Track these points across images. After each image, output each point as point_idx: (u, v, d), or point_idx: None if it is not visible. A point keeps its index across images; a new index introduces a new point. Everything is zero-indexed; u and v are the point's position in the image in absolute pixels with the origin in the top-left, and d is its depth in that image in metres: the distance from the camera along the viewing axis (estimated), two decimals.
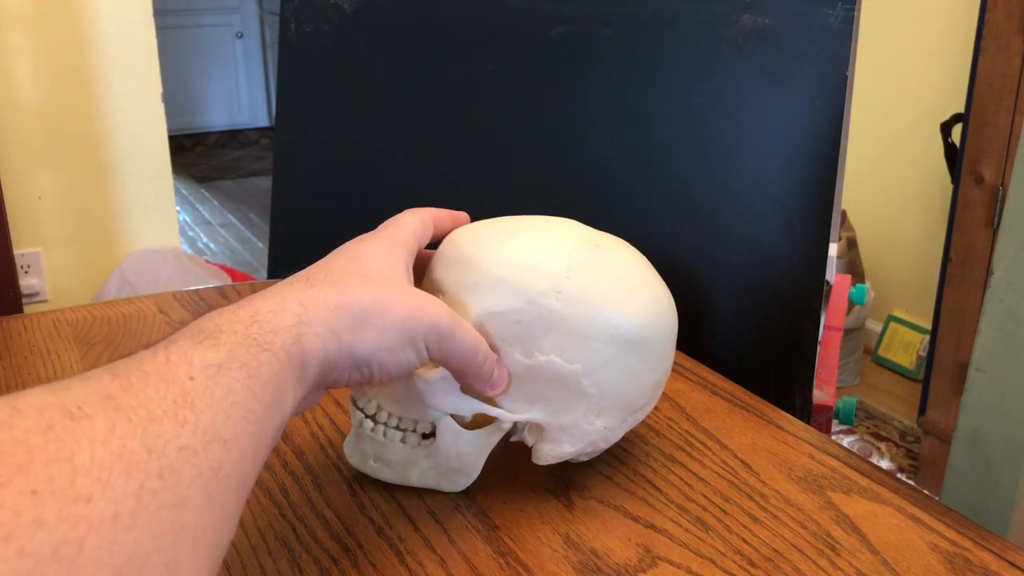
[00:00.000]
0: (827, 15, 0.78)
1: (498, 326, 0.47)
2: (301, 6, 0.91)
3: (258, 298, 0.40)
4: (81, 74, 2.11)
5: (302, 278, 0.42)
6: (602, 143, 0.86)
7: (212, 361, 0.35)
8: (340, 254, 0.45)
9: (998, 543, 0.48)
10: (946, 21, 2.28)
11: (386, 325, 0.42)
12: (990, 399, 0.65)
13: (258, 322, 0.38)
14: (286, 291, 0.41)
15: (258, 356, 0.36)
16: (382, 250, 0.46)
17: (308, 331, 0.39)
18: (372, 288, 0.42)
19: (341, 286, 0.42)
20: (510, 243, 0.49)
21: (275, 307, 0.39)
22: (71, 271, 2.20)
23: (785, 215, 0.81)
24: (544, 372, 0.48)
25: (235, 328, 0.37)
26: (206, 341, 0.36)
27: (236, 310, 0.39)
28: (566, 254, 0.48)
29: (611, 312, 0.48)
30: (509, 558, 0.47)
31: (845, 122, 0.83)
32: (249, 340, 0.37)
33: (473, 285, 0.47)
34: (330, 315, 0.40)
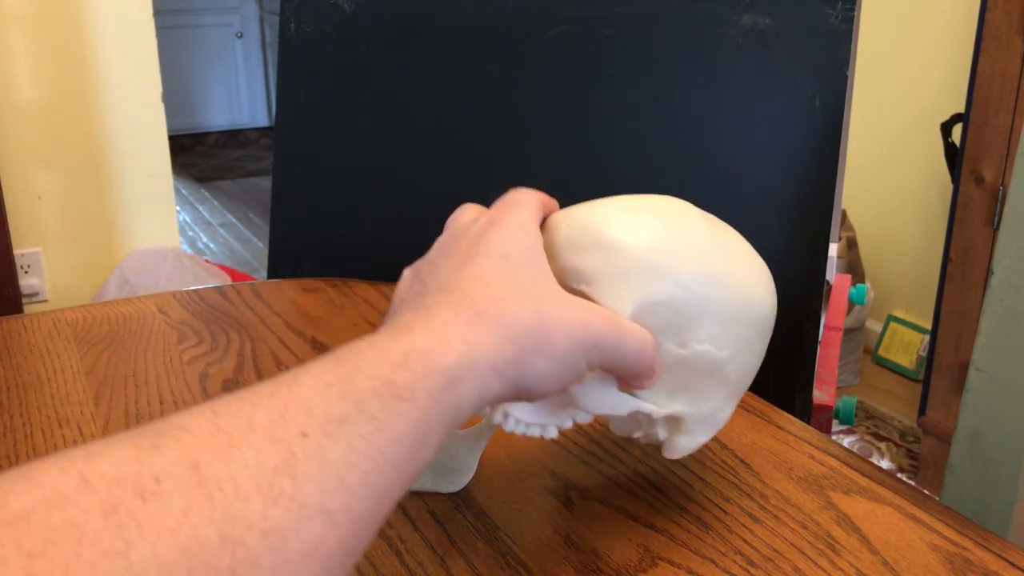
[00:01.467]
0: (827, 15, 0.78)
1: (657, 316, 0.43)
2: (301, 6, 0.91)
3: (419, 326, 0.35)
4: (81, 74, 2.11)
5: (464, 300, 0.37)
6: (602, 143, 0.86)
7: (335, 414, 0.30)
8: (485, 252, 0.40)
9: (998, 543, 0.48)
10: (946, 21, 2.28)
11: (553, 354, 0.38)
12: (990, 399, 0.65)
13: (407, 364, 0.33)
14: (449, 323, 0.36)
15: (394, 407, 0.32)
16: (527, 244, 0.41)
17: (468, 375, 0.35)
18: (535, 307, 0.38)
19: (507, 313, 0.37)
20: (652, 225, 0.44)
21: (434, 345, 0.35)
22: (71, 271, 2.20)
23: (785, 215, 0.81)
24: (696, 362, 0.45)
25: (376, 370, 0.33)
26: (336, 385, 0.31)
27: (388, 343, 0.34)
28: (704, 235, 0.45)
29: (752, 294, 0.46)
30: (509, 558, 0.47)
31: (845, 122, 0.83)
32: (388, 388, 0.32)
33: (627, 272, 0.43)
34: (496, 352, 0.36)
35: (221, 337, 0.74)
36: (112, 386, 0.65)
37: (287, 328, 0.76)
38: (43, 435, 0.59)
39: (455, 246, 0.41)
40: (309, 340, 0.74)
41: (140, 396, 0.64)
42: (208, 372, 0.68)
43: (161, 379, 0.66)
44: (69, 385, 0.65)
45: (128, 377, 0.67)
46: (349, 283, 0.86)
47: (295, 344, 0.73)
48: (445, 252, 0.41)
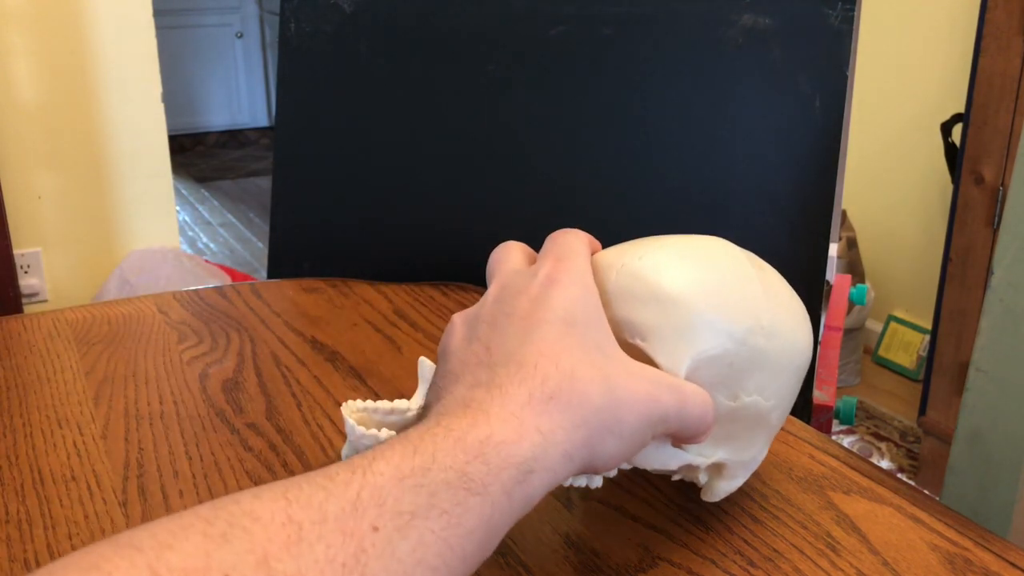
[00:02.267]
0: (827, 15, 0.78)
1: (711, 370, 0.43)
2: (301, 6, 0.91)
3: (495, 410, 0.35)
4: (81, 74, 2.11)
5: (536, 378, 0.36)
6: (602, 143, 0.86)
7: (407, 508, 0.30)
8: (550, 318, 0.39)
9: (998, 543, 0.48)
10: (946, 21, 2.28)
11: (623, 433, 0.37)
12: (990, 399, 0.65)
13: (484, 455, 0.33)
14: (524, 407, 0.35)
15: (466, 501, 0.32)
16: (590, 307, 0.40)
17: (541, 466, 0.34)
18: (605, 383, 0.37)
19: (579, 391, 0.36)
20: (705, 275, 0.44)
21: (511, 436, 0.34)
22: (71, 271, 2.20)
23: (785, 215, 0.81)
24: (744, 412, 0.45)
25: (451, 461, 0.32)
26: (411, 477, 0.31)
27: (466, 432, 0.34)
28: (753, 283, 0.45)
29: (798, 340, 0.46)
30: (509, 558, 0.47)
31: (845, 122, 0.83)
32: (461, 480, 0.32)
33: (682, 328, 0.42)
34: (567, 437, 0.36)
35: (221, 337, 0.74)
36: (112, 386, 0.65)
37: (287, 328, 0.76)
38: (43, 435, 0.59)
39: (515, 305, 0.40)
40: (309, 340, 0.74)
41: (140, 396, 0.64)
42: (208, 372, 0.68)
43: (161, 379, 0.66)
44: (69, 385, 0.65)
45: (128, 377, 0.67)
46: (349, 283, 0.86)
47: (295, 344, 0.73)
48: (505, 312, 0.40)
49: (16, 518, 0.50)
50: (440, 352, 0.42)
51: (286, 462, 0.56)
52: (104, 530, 0.49)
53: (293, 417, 0.61)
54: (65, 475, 0.54)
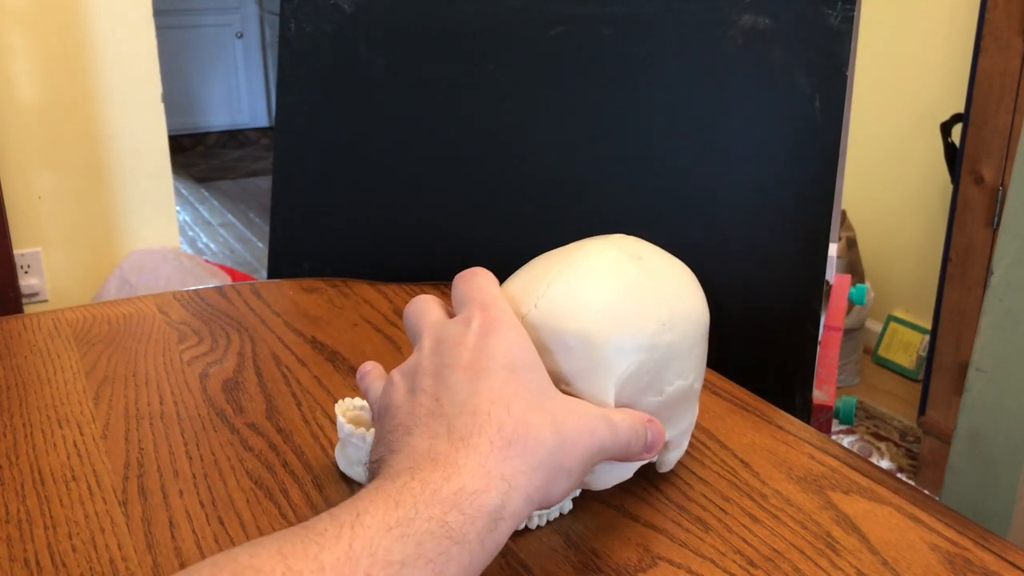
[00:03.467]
0: (827, 15, 0.78)
1: (634, 384, 0.47)
2: (301, 6, 0.91)
3: (463, 461, 0.37)
4: (81, 74, 2.11)
5: (493, 426, 0.39)
6: (602, 143, 0.86)
7: (397, 557, 0.32)
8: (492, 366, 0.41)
9: (998, 543, 0.48)
10: (946, 21, 2.28)
11: (572, 470, 0.40)
12: (990, 399, 0.65)
13: (459, 506, 0.36)
14: (487, 456, 0.38)
15: (448, 550, 0.34)
16: (526, 350, 0.43)
17: (508, 513, 0.37)
18: (552, 424, 0.40)
19: (533, 436, 0.39)
20: (599, 300, 0.46)
21: (480, 486, 0.37)
22: (71, 271, 2.20)
23: (785, 215, 0.81)
24: (672, 399, 0.49)
25: (432, 512, 0.35)
26: (397, 528, 0.33)
27: (440, 485, 0.36)
28: (642, 283, 0.48)
29: (694, 311, 0.49)
30: (509, 558, 0.47)
31: (845, 122, 0.83)
32: (443, 530, 0.34)
33: (597, 362, 0.45)
34: (528, 482, 0.38)
35: (221, 337, 0.74)
36: (112, 386, 0.65)
37: (287, 328, 0.76)
38: (43, 435, 0.59)
39: (456, 356, 0.42)
40: (309, 340, 0.74)
41: (140, 396, 0.64)
42: (208, 372, 0.68)
43: (161, 379, 0.67)
44: (69, 385, 0.65)
45: (128, 377, 0.67)
46: (349, 283, 0.86)
47: (295, 344, 0.73)
48: (447, 364, 0.42)
49: (16, 518, 0.50)
50: (383, 407, 0.43)
51: (286, 462, 0.56)
52: (104, 529, 0.49)
53: (293, 417, 0.61)
54: (65, 475, 0.54)
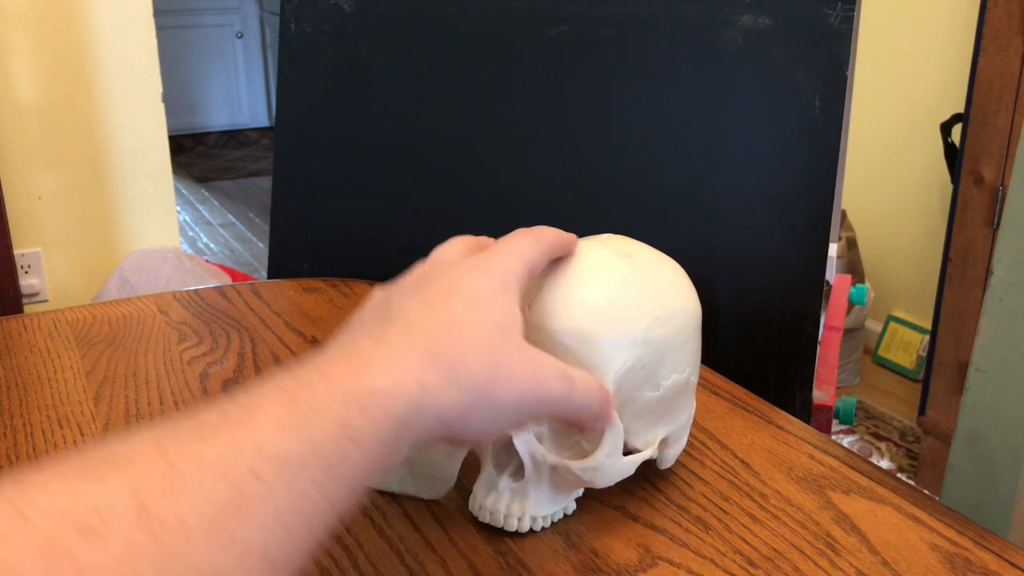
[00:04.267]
0: (827, 15, 0.78)
1: (631, 379, 0.47)
2: (301, 6, 0.91)
3: (376, 358, 0.35)
4: (81, 74, 2.10)
5: (422, 337, 0.36)
6: (602, 143, 0.86)
7: (290, 456, 0.29)
8: (456, 294, 0.39)
9: (998, 543, 0.48)
10: (946, 21, 2.28)
11: (498, 404, 0.38)
12: (990, 399, 0.65)
13: (363, 404, 0.33)
14: (405, 360, 0.35)
15: (348, 453, 0.31)
16: (500, 293, 0.40)
17: (416, 422, 0.34)
18: (491, 357, 0.38)
19: (462, 359, 0.37)
20: (591, 301, 0.46)
21: (390, 386, 0.34)
22: (71, 271, 2.20)
23: (785, 215, 0.81)
24: (669, 393, 0.49)
25: (333, 411, 0.32)
26: (291, 426, 0.30)
27: (344, 380, 0.33)
28: (633, 281, 0.48)
29: (687, 306, 0.50)
30: (509, 558, 0.47)
31: (845, 122, 0.83)
32: (343, 431, 0.31)
33: (594, 360, 0.46)
34: (444, 396, 0.35)
35: (221, 337, 0.74)
36: (112, 386, 0.65)
37: (287, 328, 0.76)
38: (43, 435, 0.59)
39: (431, 282, 0.40)
40: (309, 340, 0.74)
41: (140, 396, 0.64)
42: (208, 372, 0.68)
43: (161, 379, 0.67)
44: (69, 385, 0.65)
45: (128, 377, 0.67)
46: (349, 283, 0.86)
47: (295, 344, 0.73)
48: (421, 285, 0.41)
49: None
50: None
51: None
52: None
53: None
54: None
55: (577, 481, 0.48)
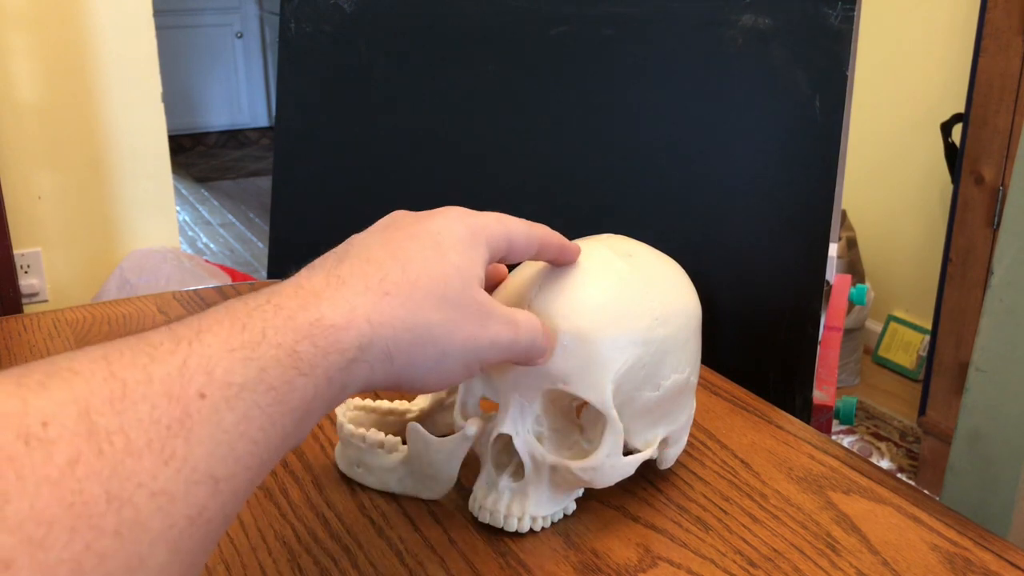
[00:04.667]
0: (827, 15, 0.78)
1: (631, 379, 0.47)
2: (301, 6, 0.91)
3: (328, 294, 0.35)
4: (81, 74, 2.10)
5: (377, 274, 0.36)
6: (602, 143, 0.86)
7: (236, 379, 0.29)
8: (419, 234, 0.39)
9: (998, 543, 0.48)
10: (946, 21, 2.28)
11: (446, 351, 0.38)
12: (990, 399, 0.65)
13: (313, 336, 0.33)
14: (358, 296, 0.35)
15: (293, 380, 0.31)
16: (465, 243, 0.40)
17: (363, 357, 0.34)
18: (445, 302, 0.37)
19: (416, 301, 0.36)
20: (591, 300, 0.46)
21: (340, 320, 0.34)
22: (71, 271, 2.20)
23: (785, 215, 0.81)
24: (669, 393, 0.49)
25: (282, 338, 0.32)
26: (240, 350, 0.30)
27: (296, 312, 0.33)
28: (633, 281, 0.48)
29: (688, 306, 0.50)
30: (509, 558, 0.47)
31: (845, 122, 0.83)
32: (291, 358, 0.32)
33: (594, 360, 0.46)
34: (393, 336, 0.35)
35: None
36: None
37: None
38: None
39: (400, 225, 0.40)
40: None
41: None
42: None
43: None
44: None
45: None
46: None
47: None
48: (388, 227, 0.40)
49: None
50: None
51: (286, 461, 0.56)
52: None
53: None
54: None
55: (577, 481, 0.48)
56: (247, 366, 0.30)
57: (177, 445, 0.27)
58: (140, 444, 0.26)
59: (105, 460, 0.25)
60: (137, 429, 0.26)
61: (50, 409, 0.25)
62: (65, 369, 0.27)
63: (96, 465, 0.25)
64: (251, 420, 0.30)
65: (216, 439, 0.28)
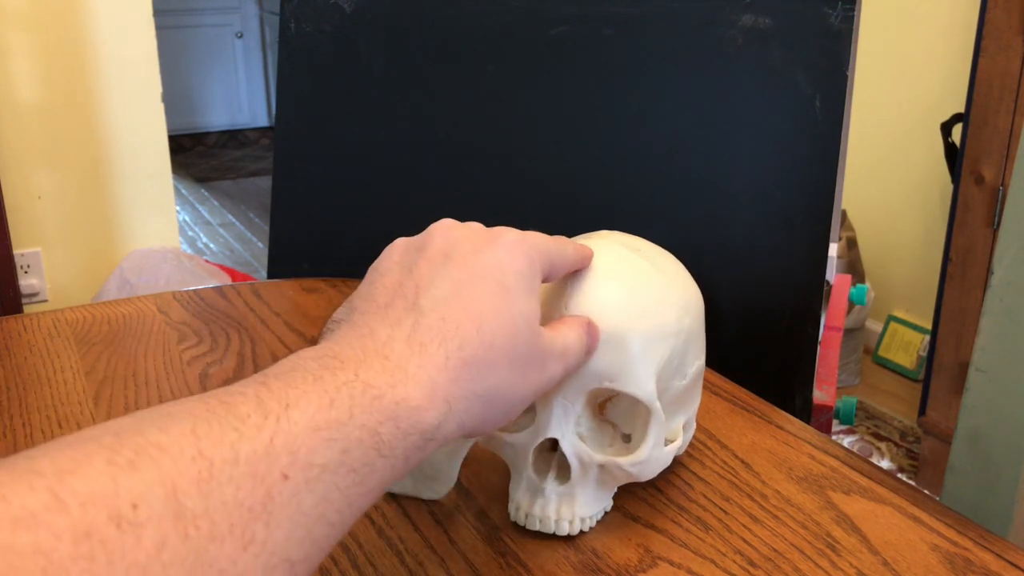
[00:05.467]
0: (827, 15, 0.78)
1: (667, 369, 0.48)
2: (301, 6, 0.91)
3: (411, 370, 0.34)
4: (81, 74, 2.11)
5: (455, 339, 0.36)
6: (602, 143, 0.86)
7: (318, 460, 0.29)
8: (483, 273, 0.39)
9: (998, 543, 0.48)
10: (946, 21, 2.28)
11: (513, 404, 0.39)
12: (990, 399, 0.65)
13: (396, 418, 0.33)
14: (440, 373, 0.35)
15: (374, 462, 0.32)
16: (527, 281, 0.40)
17: (439, 436, 0.35)
18: (517, 362, 0.38)
19: (490, 366, 0.37)
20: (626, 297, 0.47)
21: (423, 401, 0.34)
22: (71, 271, 2.20)
23: (785, 215, 0.81)
24: (692, 380, 0.50)
25: (366, 420, 0.32)
26: (326, 429, 0.30)
27: (384, 391, 0.33)
28: (652, 274, 0.49)
29: (699, 296, 0.51)
30: (509, 558, 0.47)
31: (845, 122, 0.83)
32: (373, 439, 0.32)
33: (638, 355, 0.46)
34: (468, 408, 0.36)
35: (221, 337, 0.74)
36: (112, 386, 0.65)
37: (287, 328, 0.76)
38: (43, 435, 0.59)
39: (457, 256, 0.39)
40: (309, 340, 0.74)
41: (140, 396, 0.64)
42: (208, 372, 0.68)
43: (161, 379, 0.66)
44: (69, 385, 0.65)
45: (128, 377, 0.67)
46: (349, 283, 0.86)
47: (295, 344, 0.73)
48: (446, 253, 0.40)
49: None
50: (371, 267, 0.42)
51: None
52: None
53: None
54: None
55: (625, 476, 0.48)
56: (330, 447, 0.30)
57: (257, 529, 0.27)
58: (223, 529, 0.26)
59: (190, 545, 0.25)
60: (221, 512, 0.26)
61: (139, 490, 0.25)
62: (154, 446, 0.27)
63: (181, 551, 0.25)
64: (330, 502, 0.30)
65: (295, 522, 0.28)
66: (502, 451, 0.49)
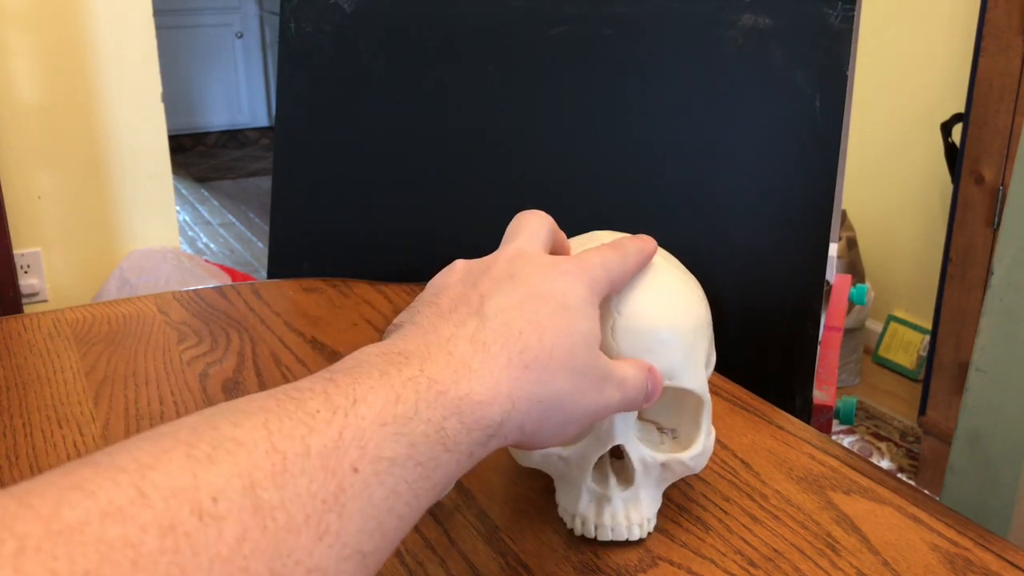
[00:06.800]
0: (827, 15, 0.78)
1: (709, 366, 0.49)
2: (301, 6, 0.91)
3: (474, 366, 0.35)
4: (81, 74, 2.10)
5: (518, 344, 0.37)
6: (602, 143, 0.86)
7: (388, 454, 0.30)
8: (546, 293, 0.39)
9: (998, 543, 0.48)
10: (946, 21, 2.28)
11: (571, 419, 0.39)
12: (990, 399, 0.65)
13: (460, 412, 0.34)
14: (502, 372, 0.36)
15: (439, 456, 0.33)
16: (588, 305, 0.41)
17: (500, 433, 0.36)
18: (574, 372, 0.39)
19: (550, 373, 0.37)
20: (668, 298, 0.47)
21: (486, 396, 0.35)
22: (71, 271, 2.20)
23: (785, 215, 0.81)
24: (711, 369, 0.50)
25: (432, 414, 0.33)
26: (393, 424, 0.31)
27: (448, 386, 0.34)
28: (677, 271, 0.49)
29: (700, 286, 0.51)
30: (509, 558, 0.47)
31: (845, 122, 0.83)
32: (439, 434, 0.33)
33: (689, 351, 0.47)
34: (528, 409, 0.37)
35: (221, 337, 0.74)
36: (112, 386, 0.65)
37: (287, 328, 0.76)
38: (43, 435, 0.59)
39: (520, 275, 0.40)
40: (309, 340, 0.74)
41: (140, 396, 0.64)
42: (208, 372, 0.68)
43: (161, 379, 0.66)
44: (69, 385, 0.65)
45: (128, 377, 0.67)
46: (349, 283, 0.86)
47: (295, 344, 0.73)
48: (510, 274, 0.40)
49: None
50: (431, 284, 0.42)
51: None
52: None
53: None
54: None
55: (684, 471, 0.48)
56: (397, 441, 0.31)
57: (331, 520, 0.28)
58: (299, 520, 0.27)
59: (269, 537, 0.26)
60: (296, 504, 0.27)
61: (218, 484, 0.26)
62: (230, 440, 0.27)
63: (261, 542, 0.26)
64: (399, 495, 0.31)
65: (366, 514, 0.29)
66: (550, 466, 0.48)
